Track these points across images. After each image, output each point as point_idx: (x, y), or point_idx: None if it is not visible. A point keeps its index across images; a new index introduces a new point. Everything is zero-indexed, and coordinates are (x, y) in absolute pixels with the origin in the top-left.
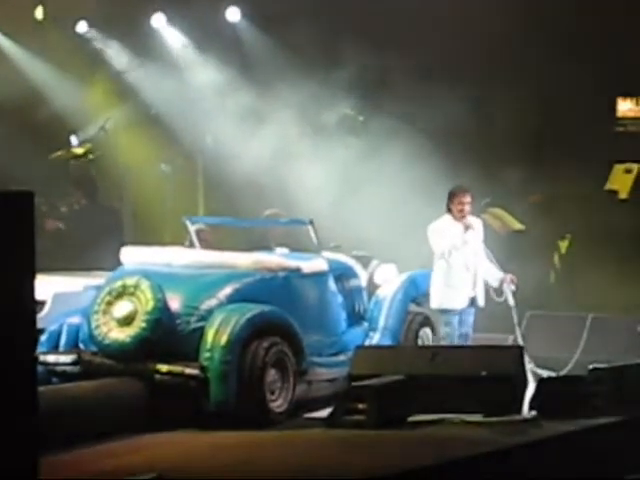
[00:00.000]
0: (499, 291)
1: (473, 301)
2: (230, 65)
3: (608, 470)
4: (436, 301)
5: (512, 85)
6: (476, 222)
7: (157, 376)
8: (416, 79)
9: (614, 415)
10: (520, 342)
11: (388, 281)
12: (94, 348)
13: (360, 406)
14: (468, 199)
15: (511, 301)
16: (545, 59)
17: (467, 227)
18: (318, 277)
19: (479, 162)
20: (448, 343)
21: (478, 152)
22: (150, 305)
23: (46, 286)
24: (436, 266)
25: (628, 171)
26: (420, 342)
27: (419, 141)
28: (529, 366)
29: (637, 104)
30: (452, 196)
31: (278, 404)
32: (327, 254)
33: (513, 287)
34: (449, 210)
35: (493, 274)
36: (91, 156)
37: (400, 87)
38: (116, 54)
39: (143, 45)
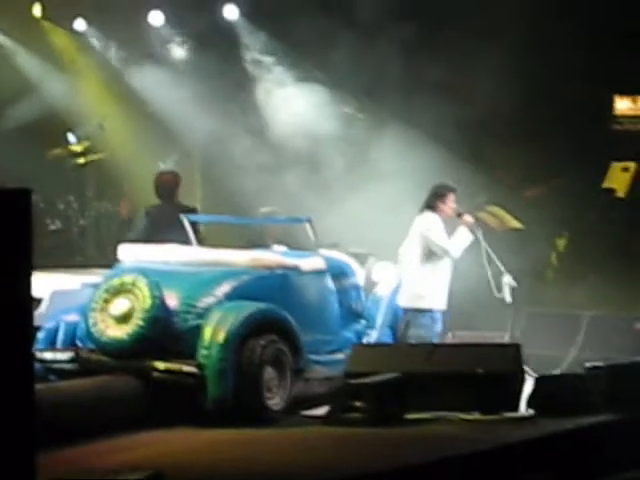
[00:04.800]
0: (499, 286)
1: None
2: (228, 63)
3: (605, 468)
4: (441, 301)
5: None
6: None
7: (154, 373)
8: (415, 78)
9: (611, 413)
10: (510, 340)
11: (385, 279)
12: (92, 345)
13: (357, 404)
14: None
15: (508, 298)
16: (541, 57)
17: (471, 225)
18: (316, 275)
19: (475, 159)
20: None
21: (474, 149)
22: (147, 303)
23: (44, 284)
24: (439, 264)
25: (625, 169)
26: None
27: (417, 138)
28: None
29: (635, 102)
30: (444, 195)
31: (275, 402)
32: (324, 252)
33: (513, 283)
34: (434, 208)
35: None
36: (93, 156)
37: (398, 85)
38: (113, 51)
39: (140, 42)
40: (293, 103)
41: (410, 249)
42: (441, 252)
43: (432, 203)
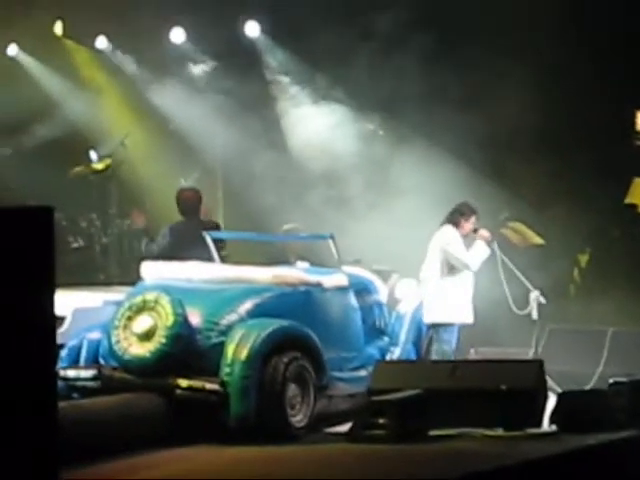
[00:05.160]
0: (522, 303)
1: None
2: (249, 79)
3: None
4: (464, 314)
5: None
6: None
7: (177, 391)
8: (437, 95)
9: (634, 429)
10: (534, 356)
11: (409, 295)
12: (114, 363)
13: (380, 421)
14: None
15: (535, 315)
16: (563, 73)
17: (487, 239)
18: (339, 292)
19: (497, 176)
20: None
21: (496, 166)
22: (170, 320)
23: (66, 302)
24: (460, 278)
25: None
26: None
27: (439, 155)
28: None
29: None
30: (466, 214)
31: (298, 419)
32: (347, 268)
33: (542, 299)
34: (455, 224)
35: None
36: (110, 171)
37: (420, 102)
38: (135, 69)
39: (162, 60)
40: (314, 120)
41: (430, 264)
42: (460, 265)
43: (454, 219)
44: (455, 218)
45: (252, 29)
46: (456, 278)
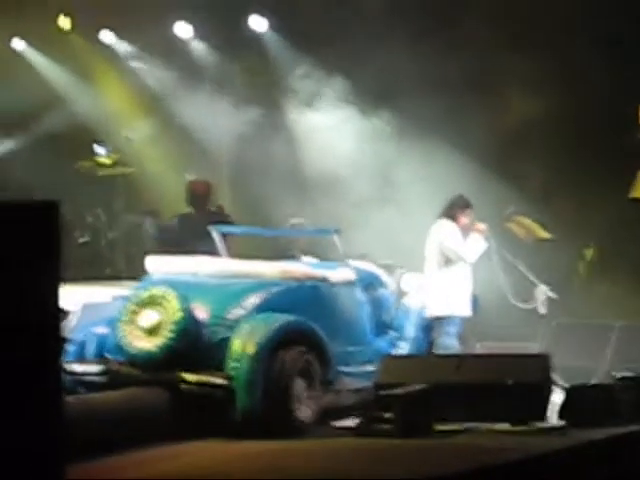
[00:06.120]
0: (527, 297)
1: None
2: (255, 73)
3: (636, 478)
4: (465, 308)
5: (537, 94)
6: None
7: (184, 386)
8: (438, 90)
9: None
10: (540, 350)
11: (415, 289)
12: (121, 358)
13: (387, 415)
14: None
15: (542, 309)
16: (567, 67)
17: (484, 232)
18: (345, 286)
19: (503, 171)
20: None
21: (501, 161)
22: (177, 315)
23: (73, 296)
24: (457, 270)
25: None
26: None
27: (445, 150)
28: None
29: None
30: (462, 207)
31: (305, 413)
32: (354, 263)
33: (551, 294)
34: (452, 217)
35: None
36: (119, 168)
37: (425, 97)
38: (140, 63)
39: (167, 53)
40: (319, 114)
41: (429, 259)
42: (456, 258)
43: (450, 213)
44: (451, 212)
45: (258, 24)
46: (453, 271)
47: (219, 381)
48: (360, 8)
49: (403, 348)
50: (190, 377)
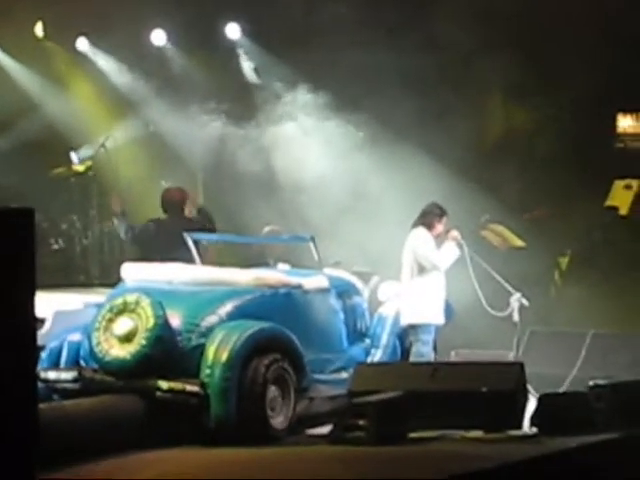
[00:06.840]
0: (501, 305)
1: None
2: (229, 83)
3: None
4: (440, 316)
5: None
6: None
7: (158, 393)
8: (416, 96)
9: (614, 431)
10: (514, 358)
11: (390, 298)
12: (95, 365)
13: (360, 422)
14: None
15: (516, 317)
16: (544, 75)
17: (458, 240)
18: (320, 294)
19: (478, 179)
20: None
21: (477, 169)
22: (151, 322)
23: (47, 303)
24: (430, 278)
25: (628, 187)
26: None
27: (420, 158)
28: None
29: (637, 120)
30: (437, 215)
31: (279, 421)
32: (328, 270)
33: (524, 301)
34: (427, 225)
35: None
36: (91, 173)
37: (400, 103)
38: (115, 70)
39: (143, 61)
40: (293, 122)
41: (404, 267)
42: (429, 265)
43: (426, 221)
44: (427, 219)
45: (233, 31)
46: (426, 279)
47: (193, 388)
48: (334, 14)
49: (378, 356)
50: (164, 384)
